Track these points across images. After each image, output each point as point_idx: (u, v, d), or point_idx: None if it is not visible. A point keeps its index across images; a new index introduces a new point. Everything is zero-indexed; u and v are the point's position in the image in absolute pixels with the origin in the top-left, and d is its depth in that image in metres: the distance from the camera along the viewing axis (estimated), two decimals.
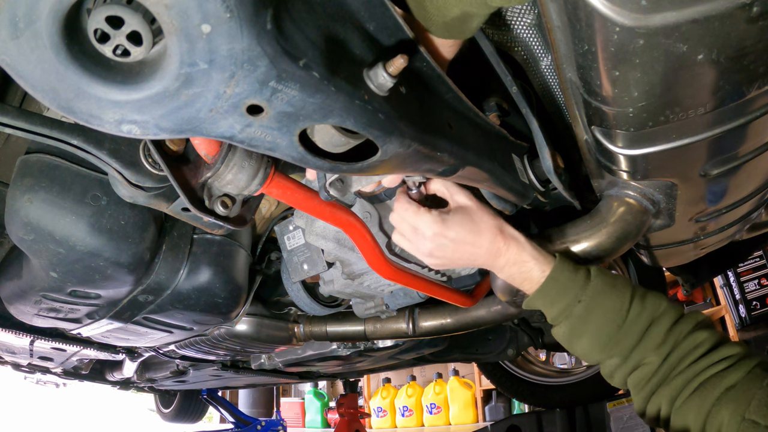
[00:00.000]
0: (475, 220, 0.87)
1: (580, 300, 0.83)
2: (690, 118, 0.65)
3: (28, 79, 0.45)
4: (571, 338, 0.87)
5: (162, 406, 4.30)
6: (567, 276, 0.85)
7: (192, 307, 1.27)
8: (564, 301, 0.84)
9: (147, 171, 0.84)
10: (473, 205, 0.89)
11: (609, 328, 0.83)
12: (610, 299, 0.83)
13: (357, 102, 0.55)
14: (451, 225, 0.86)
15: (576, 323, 0.85)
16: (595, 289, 0.84)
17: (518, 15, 0.76)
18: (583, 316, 0.83)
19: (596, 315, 0.83)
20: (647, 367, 0.82)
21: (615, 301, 0.83)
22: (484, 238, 0.87)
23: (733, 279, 3.73)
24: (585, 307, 0.83)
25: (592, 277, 0.85)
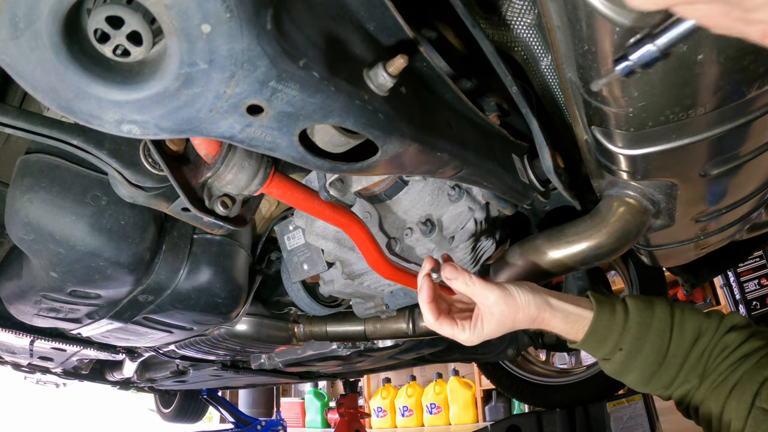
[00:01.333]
0: (508, 322, 0.85)
1: (621, 348, 0.86)
2: (690, 118, 0.65)
3: (28, 79, 0.45)
4: (616, 376, 0.91)
5: (162, 406, 4.30)
6: (605, 326, 0.86)
7: (192, 307, 1.27)
8: (605, 349, 0.87)
9: (147, 171, 0.84)
10: (505, 308, 0.84)
11: (651, 368, 0.86)
12: (650, 341, 0.85)
13: (357, 102, 0.55)
14: (486, 334, 0.86)
15: (619, 367, 0.88)
16: (634, 335, 0.85)
17: (518, 15, 0.76)
18: (626, 361, 0.86)
19: (638, 359, 0.86)
20: (687, 385, 0.86)
21: (655, 342, 0.85)
22: (519, 327, 0.88)
23: (733, 279, 3.73)
24: (627, 354, 0.86)
25: (630, 321, 0.86)
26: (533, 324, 0.86)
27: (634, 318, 0.86)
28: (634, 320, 0.86)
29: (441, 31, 0.86)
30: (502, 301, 0.83)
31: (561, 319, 0.85)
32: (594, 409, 2.55)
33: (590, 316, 0.86)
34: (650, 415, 2.39)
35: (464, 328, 0.86)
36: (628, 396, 2.49)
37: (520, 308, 0.84)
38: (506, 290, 0.84)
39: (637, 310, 0.87)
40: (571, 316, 0.86)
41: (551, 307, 0.85)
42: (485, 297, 0.84)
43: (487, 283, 0.84)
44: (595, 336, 0.86)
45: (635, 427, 2.40)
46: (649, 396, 2.47)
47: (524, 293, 0.84)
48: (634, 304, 0.88)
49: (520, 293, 0.84)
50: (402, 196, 1.06)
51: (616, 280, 3.54)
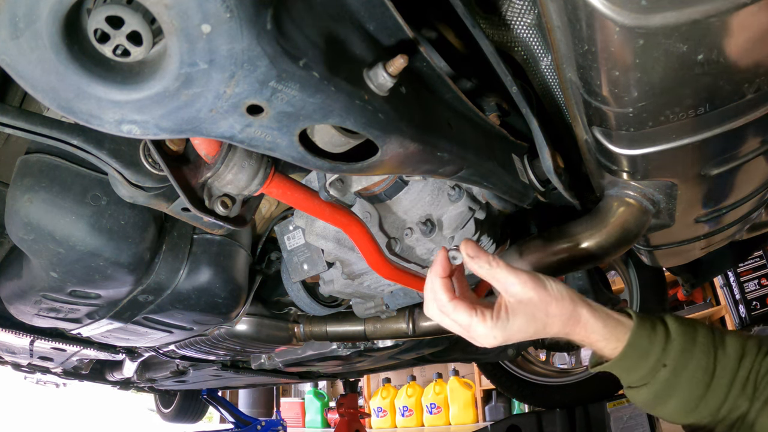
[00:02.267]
0: (539, 316, 0.73)
1: (665, 364, 0.74)
2: (690, 118, 0.65)
3: (28, 79, 0.45)
4: (654, 403, 0.78)
5: (162, 406, 4.30)
6: (646, 339, 0.74)
7: (192, 307, 1.27)
8: (645, 366, 0.75)
9: (147, 171, 0.84)
10: (534, 296, 0.73)
11: (698, 390, 0.74)
12: (695, 358, 0.74)
13: (357, 102, 0.55)
14: (512, 330, 0.74)
15: (661, 388, 0.75)
16: (678, 348, 0.74)
17: (518, 15, 0.76)
18: (670, 379, 0.74)
19: (684, 378, 0.74)
20: (737, 412, 0.76)
21: (701, 359, 0.74)
22: (551, 330, 0.76)
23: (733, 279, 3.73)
24: (671, 371, 0.74)
25: (672, 335, 0.75)
26: (566, 325, 0.74)
27: (676, 330, 0.75)
28: (677, 332, 0.75)
29: (441, 31, 0.86)
30: (531, 288, 0.70)
31: (599, 321, 0.73)
32: (594, 409, 2.55)
33: (630, 324, 0.74)
34: (650, 415, 2.39)
35: (485, 316, 0.71)
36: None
37: (553, 298, 0.71)
38: (536, 276, 0.72)
39: (677, 324, 0.77)
40: (609, 320, 0.74)
41: (589, 305, 0.73)
42: (512, 283, 0.71)
43: (513, 267, 0.72)
44: (636, 349, 0.74)
45: (635, 427, 2.40)
46: None
47: (557, 283, 0.73)
48: (672, 318, 0.78)
49: (552, 282, 0.73)
50: (402, 196, 1.06)
51: (616, 280, 3.54)
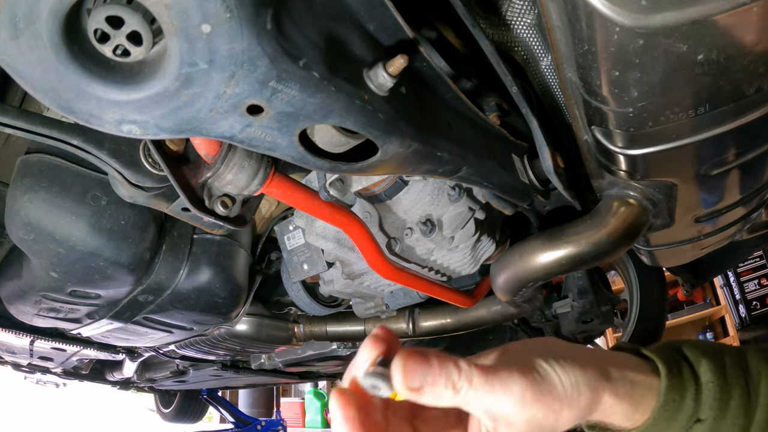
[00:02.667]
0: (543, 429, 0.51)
1: (700, 418, 0.58)
2: (690, 118, 0.65)
3: (28, 79, 0.45)
4: None
5: (162, 406, 4.30)
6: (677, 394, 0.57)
7: (192, 307, 1.27)
8: (677, 425, 0.58)
9: (147, 171, 0.84)
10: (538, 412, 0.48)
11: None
12: (733, 398, 0.59)
13: (357, 102, 0.55)
14: None
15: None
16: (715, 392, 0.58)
17: (518, 15, 0.76)
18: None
19: (725, 429, 0.59)
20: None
21: (739, 397, 0.59)
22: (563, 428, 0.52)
23: (733, 279, 3.73)
24: (710, 426, 0.58)
25: (702, 375, 0.59)
26: (581, 418, 0.52)
27: (706, 368, 0.58)
28: (709, 371, 0.58)
29: (441, 31, 0.86)
30: (533, 400, 0.46)
31: (624, 402, 0.53)
32: None
33: (656, 384, 0.56)
34: None
35: None
36: None
37: (566, 403, 0.48)
38: (537, 377, 0.46)
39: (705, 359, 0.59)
40: (637, 387, 0.55)
41: (613, 386, 0.52)
42: (501, 402, 0.45)
43: (496, 373, 0.45)
44: (664, 417, 0.56)
45: None
46: None
47: (568, 371, 0.48)
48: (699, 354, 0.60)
49: (561, 374, 0.48)
50: (402, 196, 1.06)
51: (616, 280, 3.54)
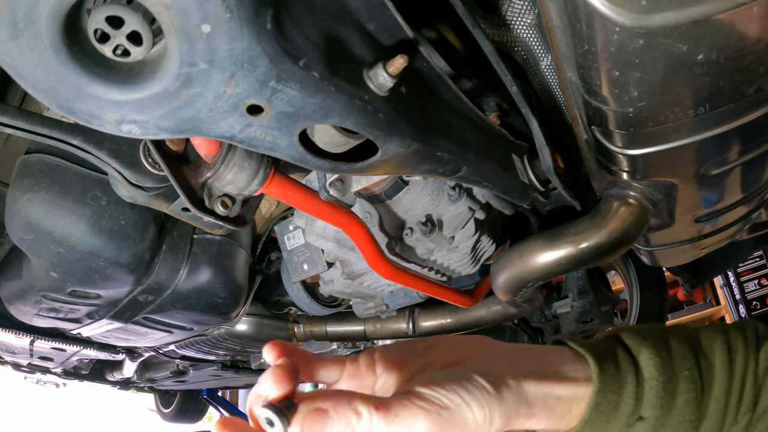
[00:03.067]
0: None
1: (642, 417, 0.54)
2: (690, 118, 0.65)
3: (28, 79, 0.45)
4: None
5: (162, 406, 4.31)
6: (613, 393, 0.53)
7: (192, 307, 1.27)
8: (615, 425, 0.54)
9: (147, 171, 0.84)
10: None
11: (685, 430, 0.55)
12: (681, 392, 0.54)
13: (357, 102, 0.55)
14: None
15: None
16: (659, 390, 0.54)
17: (518, 15, 0.76)
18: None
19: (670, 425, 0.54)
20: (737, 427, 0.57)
21: (688, 391, 0.54)
22: None
23: (733, 279, 3.73)
24: (653, 424, 0.54)
25: (645, 370, 0.54)
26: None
27: (649, 362, 0.54)
28: (653, 366, 0.54)
29: (441, 31, 0.86)
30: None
31: (542, 414, 0.50)
32: None
33: (587, 393, 0.52)
34: None
35: None
36: None
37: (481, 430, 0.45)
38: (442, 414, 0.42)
39: (648, 354, 0.55)
40: (559, 403, 0.51)
41: (527, 402, 0.49)
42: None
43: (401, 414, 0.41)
44: (603, 410, 0.52)
45: None
46: None
47: (483, 402, 0.45)
48: (639, 343, 0.56)
49: (475, 407, 0.44)
50: (402, 196, 1.06)
51: (616, 280, 3.55)
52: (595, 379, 0.52)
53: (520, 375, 0.49)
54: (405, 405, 0.42)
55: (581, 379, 0.52)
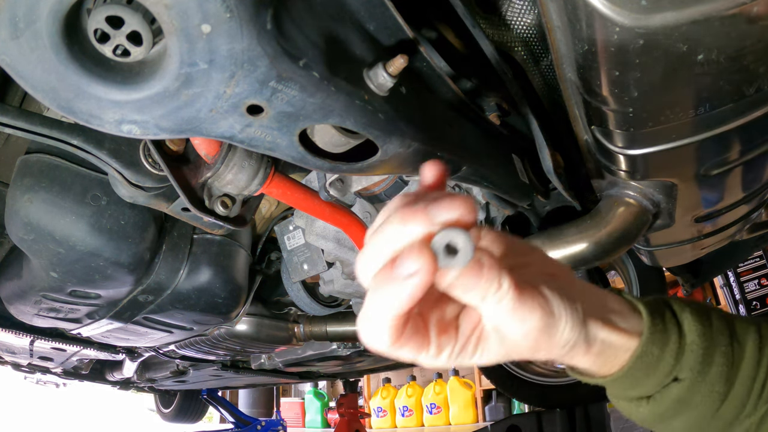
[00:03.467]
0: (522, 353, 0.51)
1: (678, 377, 0.56)
2: (690, 118, 0.65)
3: (28, 79, 0.45)
4: (654, 421, 0.61)
5: (162, 406, 4.30)
6: (657, 347, 0.55)
7: (192, 307, 1.27)
8: (653, 379, 0.56)
9: (147, 171, 0.84)
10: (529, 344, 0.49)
11: (714, 404, 0.58)
12: (715, 363, 0.57)
13: (357, 102, 0.55)
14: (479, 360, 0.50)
15: (670, 407, 0.58)
16: (698, 355, 0.56)
17: (518, 15, 0.76)
18: (683, 397, 0.57)
19: (701, 393, 0.57)
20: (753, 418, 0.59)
21: (721, 365, 0.57)
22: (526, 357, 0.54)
23: (733, 279, 3.73)
24: (687, 387, 0.56)
25: (688, 334, 0.56)
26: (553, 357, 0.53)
27: (693, 330, 0.56)
28: (695, 333, 0.56)
29: (441, 31, 0.86)
30: (533, 338, 0.47)
31: (594, 354, 0.53)
32: (594, 409, 2.55)
33: (633, 347, 0.54)
34: None
35: (440, 349, 0.46)
36: None
37: (553, 349, 0.50)
38: (549, 321, 0.47)
39: (694, 321, 0.57)
40: (609, 349, 0.54)
41: (588, 341, 0.52)
42: (510, 325, 0.46)
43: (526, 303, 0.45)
44: (642, 364, 0.55)
45: (635, 427, 2.40)
46: None
47: (569, 326, 0.49)
48: (687, 311, 0.58)
49: (566, 326, 0.48)
50: None
51: (616, 280, 3.54)
52: (645, 329, 0.54)
53: (591, 314, 0.51)
54: (532, 296, 0.45)
55: (632, 332, 0.55)
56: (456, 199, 0.38)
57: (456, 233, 0.36)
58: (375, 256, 0.40)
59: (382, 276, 0.39)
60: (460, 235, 0.36)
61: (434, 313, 0.46)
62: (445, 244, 0.36)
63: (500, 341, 0.48)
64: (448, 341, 0.46)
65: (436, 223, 0.38)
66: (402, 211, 0.39)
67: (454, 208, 0.38)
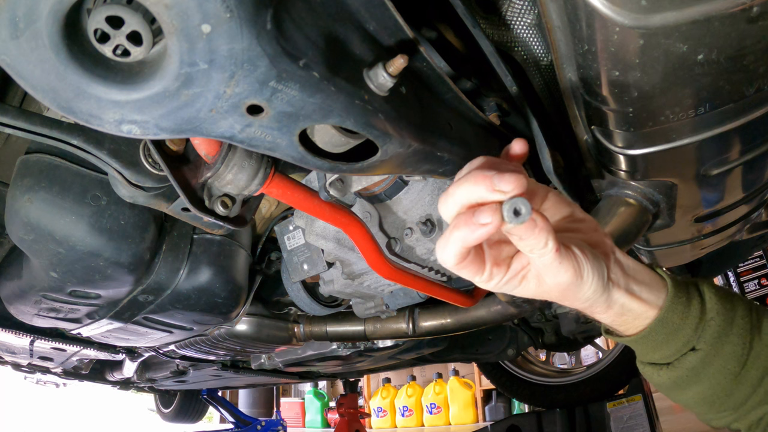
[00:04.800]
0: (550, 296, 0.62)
1: (695, 347, 0.63)
2: (690, 118, 0.65)
3: (28, 79, 0.45)
4: (671, 388, 0.68)
5: (162, 406, 4.30)
6: (679, 315, 0.63)
7: (192, 307, 1.27)
8: (671, 347, 0.64)
9: (147, 171, 0.84)
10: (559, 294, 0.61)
11: (726, 381, 0.64)
12: (730, 343, 0.63)
13: (357, 102, 0.55)
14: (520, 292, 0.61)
15: (684, 375, 0.65)
16: (714, 332, 0.63)
17: (518, 15, 0.76)
18: (697, 368, 0.64)
19: (714, 367, 0.63)
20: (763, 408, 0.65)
21: (736, 345, 0.63)
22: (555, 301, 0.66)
23: (733, 279, 3.73)
24: (701, 358, 0.63)
25: (708, 312, 0.63)
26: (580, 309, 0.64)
27: (714, 307, 0.63)
28: (715, 309, 0.63)
29: (441, 31, 0.86)
30: (565, 287, 0.58)
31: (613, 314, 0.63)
32: (594, 409, 2.55)
33: (653, 315, 0.63)
34: (650, 415, 2.40)
35: (491, 276, 0.57)
36: (628, 396, 2.49)
37: (575, 299, 0.60)
38: (579, 279, 0.57)
39: (716, 298, 0.64)
40: (629, 313, 0.63)
41: (609, 303, 0.61)
42: (549, 274, 0.56)
43: (565, 260, 0.55)
44: (664, 328, 0.63)
45: (635, 427, 2.40)
46: (649, 396, 2.47)
47: (593, 288, 0.59)
48: (710, 288, 0.65)
49: (590, 288, 0.58)
50: (402, 196, 1.06)
51: None
52: (668, 299, 0.63)
53: (616, 282, 0.62)
54: (569, 259, 0.56)
55: (651, 304, 0.63)
56: (514, 176, 0.49)
57: (521, 202, 0.48)
58: (453, 201, 0.52)
59: (464, 218, 0.50)
60: (523, 203, 0.49)
61: (494, 249, 0.58)
62: (513, 207, 0.49)
63: (538, 284, 0.59)
64: (498, 272, 0.57)
65: (496, 190, 0.49)
66: (475, 174, 0.50)
67: (511, 183, 0.49)
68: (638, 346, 0.67)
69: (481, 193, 0.50)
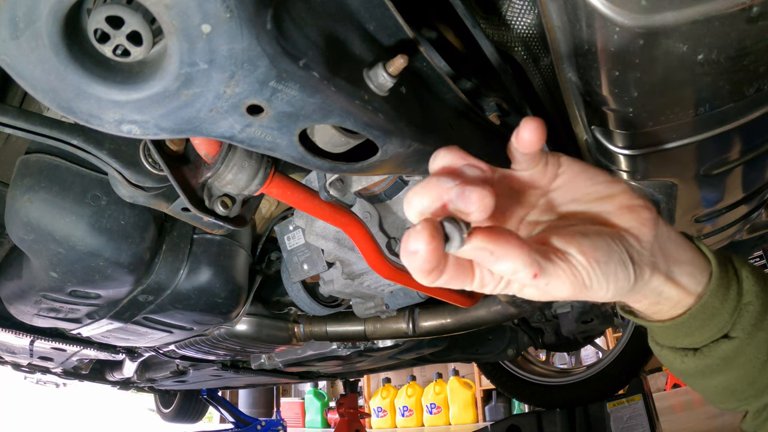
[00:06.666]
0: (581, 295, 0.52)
1: (729, 335, 0.56)
2: (690, 118, 0.65)
3: (28, 79, 0.45)
4: (693, 376, 0.61)
5: (162, 406, 4.30)
6: (718, 300, 0.56)
7: (192, 307, 1.27)
8: (706, 332, 0.57)
9: (147, 171, 0.84)
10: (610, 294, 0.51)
11: (754, 370, 0.58)
12: (764, 330, 0.56)
13: (357, 102, 0.55)
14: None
15: (714, 364, 0.58)
16: (752, 317, 0.56)
17: (518, 15, 0.76)
18: (730, 357, 0.57)
19: (746, 356, 0.57)
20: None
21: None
22: None
23: None
24: (736, 347, 0.56)
25: (746, 296, 0.56)
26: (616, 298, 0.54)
27: (752, 290, 0.56)
28: (753, 293, 0.56)
29: (441, 31, 0.86)
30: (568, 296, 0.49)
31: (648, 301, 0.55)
32: (594, 409, 2.55)
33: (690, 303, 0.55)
34: (650, 415, 2.39)
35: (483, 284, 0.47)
36: (628, 396, 2.49)
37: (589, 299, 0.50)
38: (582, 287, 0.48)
39: (754, 279, 0.57)
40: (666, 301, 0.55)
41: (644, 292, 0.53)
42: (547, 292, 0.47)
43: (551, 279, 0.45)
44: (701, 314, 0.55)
45: (635, 427, 2.40)
46: (649, 396, 2.47)
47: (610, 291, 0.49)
48: (746, 268, 0.58)
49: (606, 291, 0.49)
50: (402, 196, 1.06)
51: None
52: (714, 281, 0.55)
53: (657, 268, 0.52)
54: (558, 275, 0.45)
55: (691, 291, 0.55)
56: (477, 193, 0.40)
57: (449, 227, 0.40)
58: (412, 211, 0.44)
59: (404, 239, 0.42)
60: (453, 229, 0.39)
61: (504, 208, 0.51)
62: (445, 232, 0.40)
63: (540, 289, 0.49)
64: (491, 279, 0.47)
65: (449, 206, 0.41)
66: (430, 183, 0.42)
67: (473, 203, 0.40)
68: (668, 332, 0.58)
69: (434, 208, 0.42)
